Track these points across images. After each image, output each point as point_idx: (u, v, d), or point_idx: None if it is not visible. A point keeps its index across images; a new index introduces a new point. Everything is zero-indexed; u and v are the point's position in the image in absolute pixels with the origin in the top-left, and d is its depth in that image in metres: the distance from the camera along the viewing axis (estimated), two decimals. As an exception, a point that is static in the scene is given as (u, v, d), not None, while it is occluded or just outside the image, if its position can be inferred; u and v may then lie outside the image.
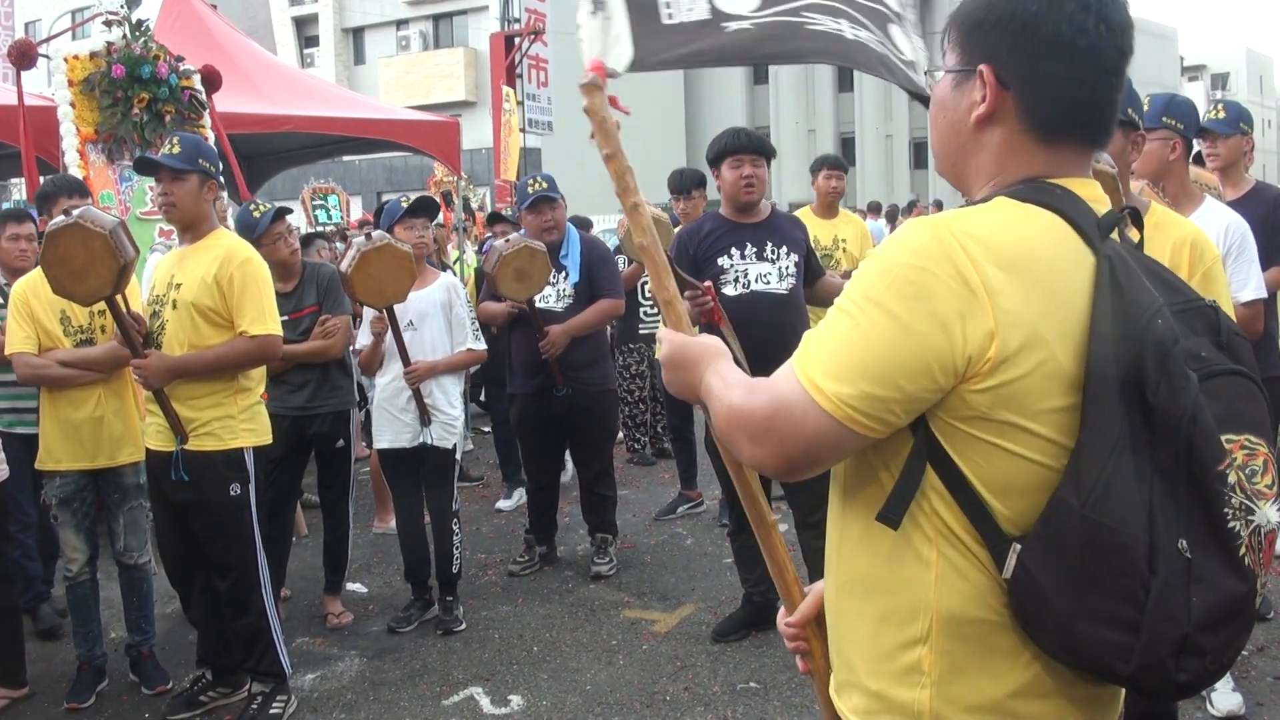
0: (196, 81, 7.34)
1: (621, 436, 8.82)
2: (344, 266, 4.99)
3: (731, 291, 4.77)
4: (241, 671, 4.47)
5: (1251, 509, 1.31)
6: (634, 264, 7.41)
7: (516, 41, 15.62)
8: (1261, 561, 1.33)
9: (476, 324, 5.61)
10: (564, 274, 5.90)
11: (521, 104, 15.36)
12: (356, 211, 21.39)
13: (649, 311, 8.32)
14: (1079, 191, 1.48)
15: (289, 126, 9.23)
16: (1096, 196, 1.49)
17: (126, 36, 7.01)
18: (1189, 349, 1.34)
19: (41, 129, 6.78)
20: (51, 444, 4.55)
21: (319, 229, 10.30)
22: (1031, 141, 1.49)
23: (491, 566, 6.28)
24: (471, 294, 7.24)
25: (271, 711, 4.33)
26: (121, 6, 7.57)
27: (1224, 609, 1.31)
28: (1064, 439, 1.37)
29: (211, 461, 4.20)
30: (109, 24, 7.06)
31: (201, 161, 4.23)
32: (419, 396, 5.22)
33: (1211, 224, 3.66)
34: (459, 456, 5.54)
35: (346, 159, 27.90)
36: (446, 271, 6.32)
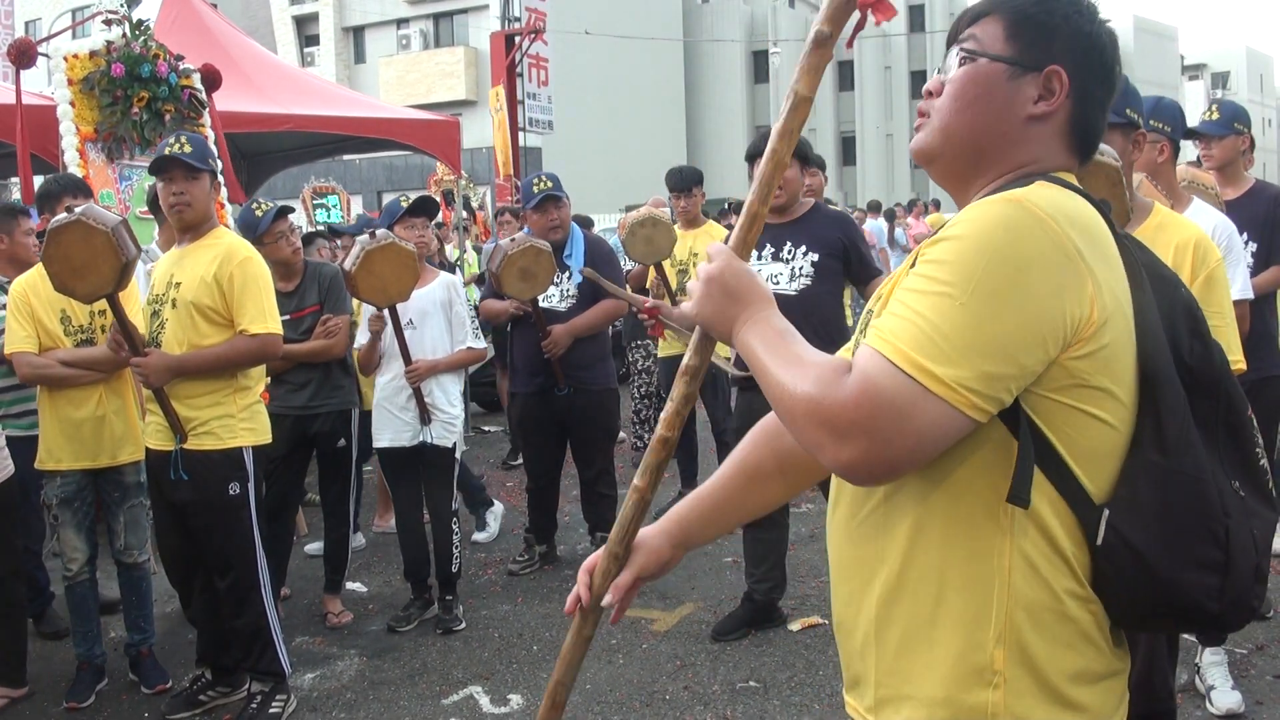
0: (196, 80, 7.33)
1: (623, 436, 8.83)
2: (348, 265, 4.98)
3: None
4: (241, 671, 4.47)
5: (1264, 448, 1.53)
6: (637, 266, 7.40)
7: (517, 40, 15.63)
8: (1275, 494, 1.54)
9: (476, 322, 5.61)
10: (567, 273, 5.90)
11: (522, 103, 15.37)
12: (357, 210, 21.39)
13: None
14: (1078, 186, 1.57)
15: (289, 125, 9.23)
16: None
17: (126, 35, 7.00)
18: None
19: (41, 128, 6.78)
20: (52, 444, 4.55)
21: (316, 229, 10.29)
22: (1064, 147, 1.57)
23: (491, 565, 6.28)
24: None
25: (271, 711, 4.33)
26: (121, 5, 7.59)
27: (1270, 537, 1.49)
28: (1133, 401, 1.45)
29: (211, 460, 4.19)
30: (109, 23, 7.06)
31: (210, 161, 4.26)
32: (419, 395, 5.22)
33: (1199, 225, 3.67)
34: (459, 456, 5.54)
35: (347, 158, 27.93)
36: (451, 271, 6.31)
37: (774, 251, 4.86)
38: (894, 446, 1.34)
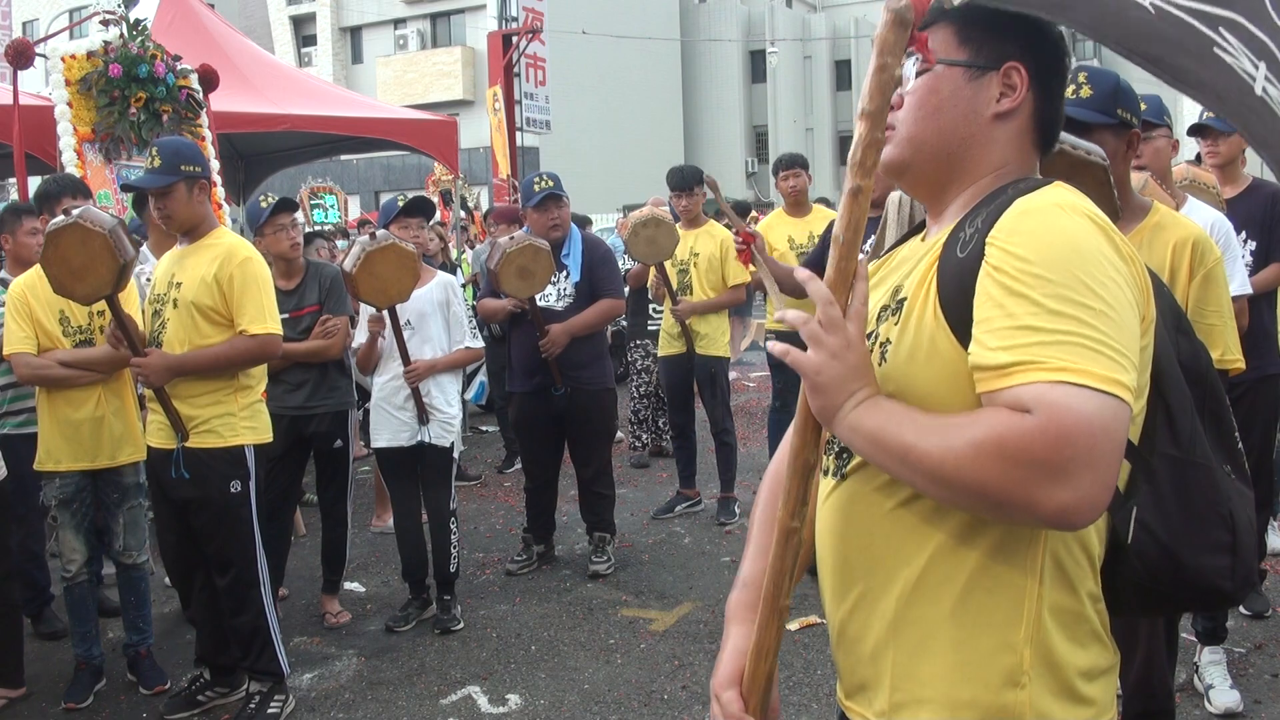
0: (193, 81, 7.34)
1: (621, 436, 8.83)
2: (348, 266, 4.98)
3: None
4: (240, 670, 4.47)
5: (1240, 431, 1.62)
6: (638, 264, 7.41)
7: (514, 40, 15.64)
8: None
9: (474, 322, 5.61)
10: (565, 273, 5.90)
11: (520, 103, 15.37)
12: (355, 210, 21.39)
13: (658, 309, 8.35)
14: None
15: (286, 126, 9.24)
16: None
17: (124, 36, 7.00)
18: None
19: (39, 128, 6.78)
20: (51, 445, 4.54)
21: (319, 228, 10.30)
22: (1030, 144, 1.58)
23: (489, 565, 6.28)
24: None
25: (269, 711, 4.33)
26: (119, 6, 7.56)
27: (1253, 513, 1.56)
28: (1145, 400, 1.50)
29: (212, 459, 4.20)
30: (106, 23, 7.06)
31: (184, 167, 4.19)
32: (418, 395, 5.22)
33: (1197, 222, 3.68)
34: (456, 455, 5.54)
35: (344, 158, 27.96)
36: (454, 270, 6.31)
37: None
38: (1113, 471, 1.27)
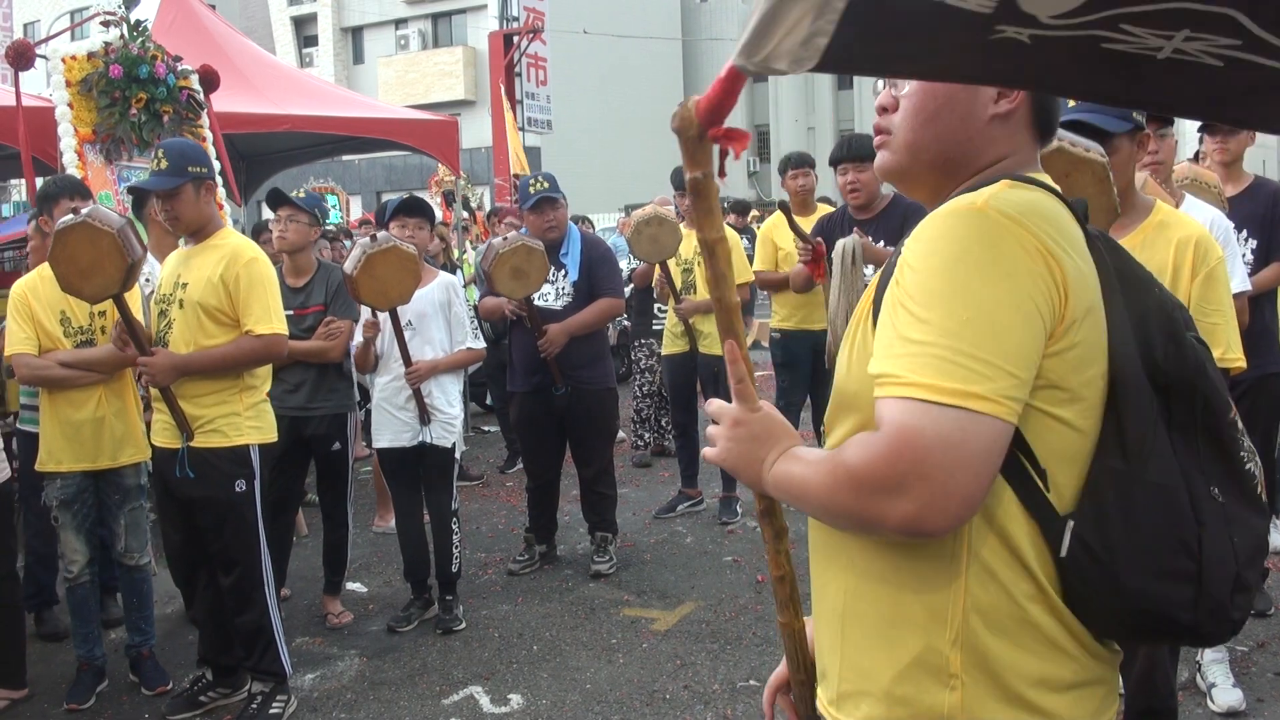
0: (194, 81, 7.33)
1: (622, 436, 8.84)
2: (348, 268, 4.97)
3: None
4: (242, 670, 4.47)
5: (1253, 451, 1.46)
6: (644, 264, 7.41)
7: (515, 40, 15.64)
8: (1263, 498, 1.47)
9: (476, 322, 5.61)
10: (564, 272, 5.90)
11: (521, 103, 15.37)
12: (356, 211, 21.40)
13: (663, 308, 8.35)
14: (1043, 179, 1.54)
15: (287, 126, 9.23)
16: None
17: (124, 37, 7.00)
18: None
19: (39, 130, 6.77)
20: (52, 445, 4.55)
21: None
22: (1028, 140, 1.56)
23: (491, 565, 6.28)
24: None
25: (271, 711, 4.33)
26: (119, 7, 7.56)
27: (1254, 544, 1.43)
28: (1099, 407, 1.41)
29: (217, 458, 4.21)
30: (107, 24, 7.05)
31: (190, 168, 4.20)
32: (419, 396, 5.21)
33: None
34: (458, 455, 5.54)
35: (346, 158, 27.93)
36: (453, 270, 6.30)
37: None
38: (957, 481, 1.29)
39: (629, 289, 8.02)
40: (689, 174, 1.43)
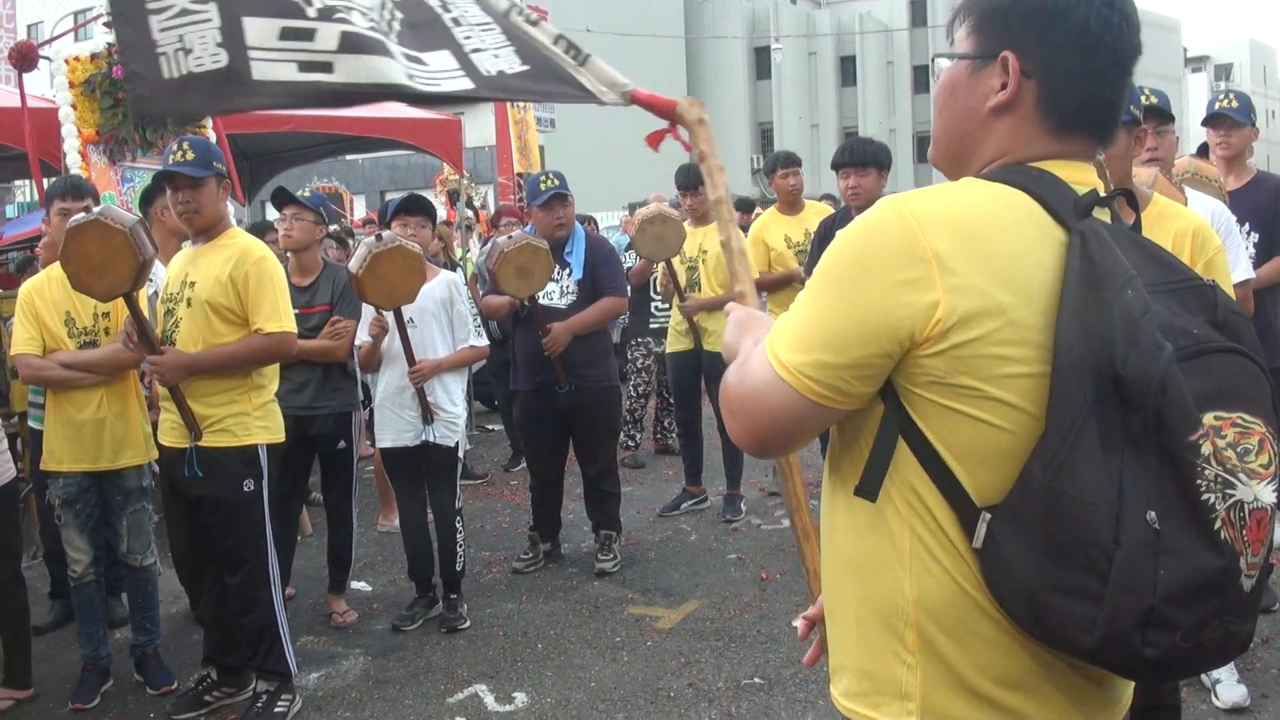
0: (197, 82, 7.33)
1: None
2: (353, 267, 4.97)
3: None
4: (247, 669, 4.48)
5: (1232, 484, 1.28)
6: (642, 260, 7.41)
7: (518, 39, 15.59)
8: (1246, 540, 1.29)
9: (479, 320, 5.61)
10: (568, 270, 5.90)
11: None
12: (360, 210, 21.42)
13: (660, 307, 8.34)
14: (1063, 174, 1.47)
15: (291, 126, 9.23)
16: (1083, 180, 1.49)
17: (127, 37, 7.00)
18: (1180, 326, 1.33)
19: (43, 131, 6.79)
20: (54, 445, 4.56)
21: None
22: (1044, 131, 1.49)
23: (495, 564, 6.29)
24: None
25: (276, 710, 4.34)
26: (122, 7, 7.56)
27: (1195, 583, 1.28)
28: (1036, 408, 1.38)
29: (225, 458, 4.22)
30: (110, 25, 7.06)
31: (215, 164, 4.26)
32: (422, 395, 5.21)
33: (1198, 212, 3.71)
34: (461, 454, 5.54)
35: (350, 158, 27.95)
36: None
37: None
38: (758, 424, 1.50)
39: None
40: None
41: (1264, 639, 4.58)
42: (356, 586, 5.95)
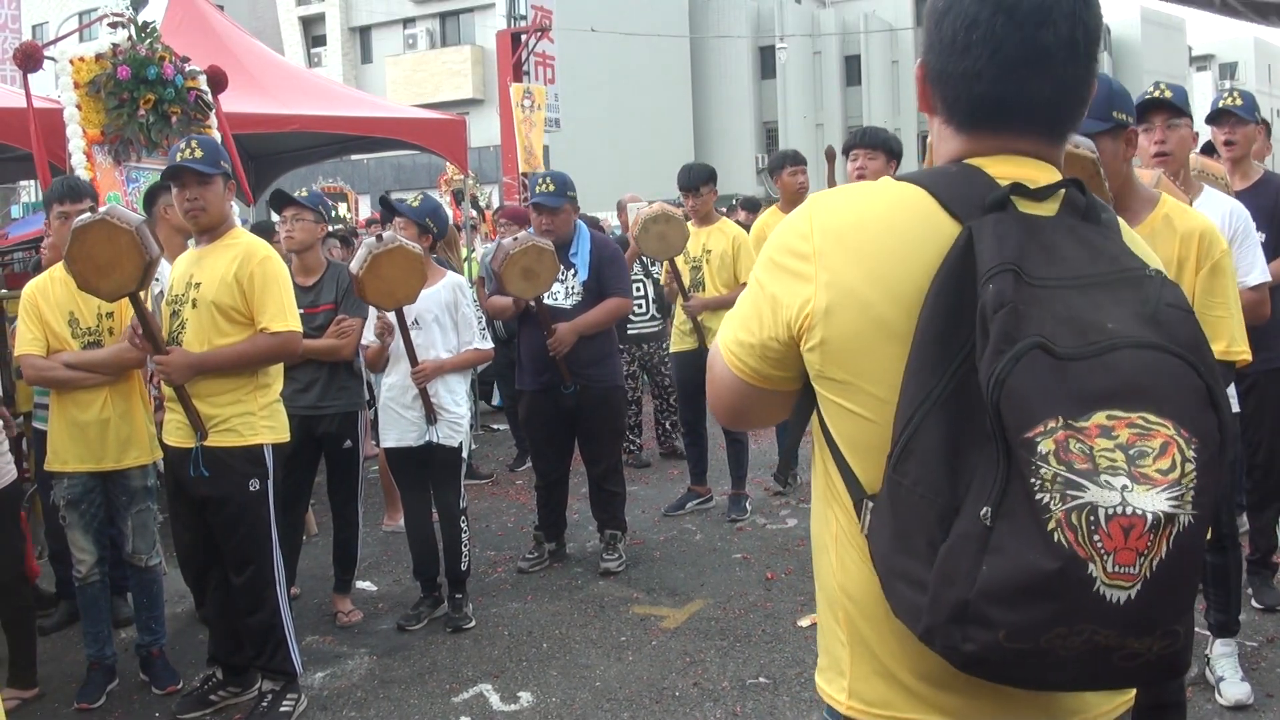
0: (202, 82, 7.34)
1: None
2: (354, 268, 4.97)
3: None
4: (253, 669, 4.48)
5: (1080, 485, 1.19)
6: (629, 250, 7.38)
7: (523, 39, 15.65)
8: (1100, 547, 1.18)
9: (483, 322, 5.61)
10: (573, 271, 5.90)
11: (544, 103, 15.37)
12: (365, 210, 21.42)
13: (637, 313, 8.32)
14: (994, 170, 1.45)
15: (296, 126, 9.25)
16: (1017, 175, 1.43)
17: (132, 38, 7.01)
18: (1092, 320, 1.26)
19: (48, 131, 6.80)
20: (59, 445, 4.57)
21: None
22: (954, 131, 1.52)
23: (500, 564, 6.29)
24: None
25: (282, 709, 4.35)
26: (127, 8, 7.58)
27: (1020, 583, 1.21)
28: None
29: (231, 457, 4.23)
30: (115, 25, 7.07)
31: (223, 163, 4.28)
32: (425, 396, 5.22)
33: (1213, 212, 3.68)
34: (466, 455, 5.54)
35: (354, 158, 27.99)
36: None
37: None
38: (715, 395, 1.68)
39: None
40: None
41: (1269, 638, 4.58)
42: (362, 586, 5.96)
